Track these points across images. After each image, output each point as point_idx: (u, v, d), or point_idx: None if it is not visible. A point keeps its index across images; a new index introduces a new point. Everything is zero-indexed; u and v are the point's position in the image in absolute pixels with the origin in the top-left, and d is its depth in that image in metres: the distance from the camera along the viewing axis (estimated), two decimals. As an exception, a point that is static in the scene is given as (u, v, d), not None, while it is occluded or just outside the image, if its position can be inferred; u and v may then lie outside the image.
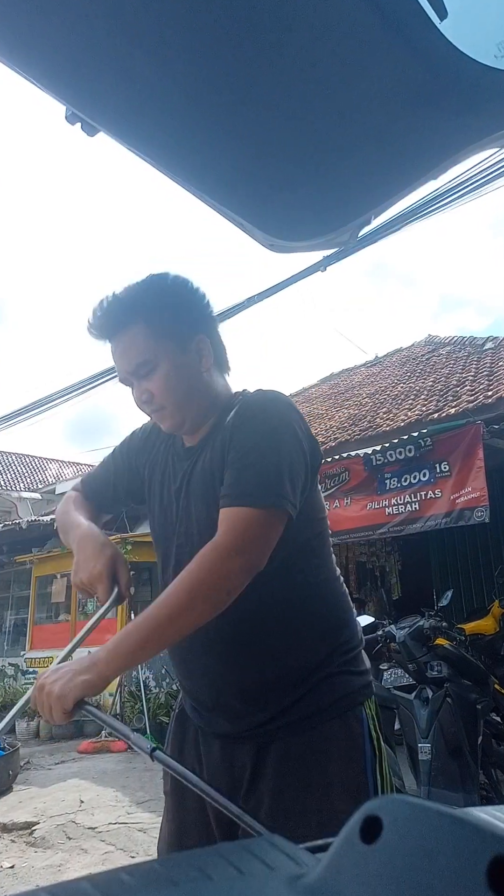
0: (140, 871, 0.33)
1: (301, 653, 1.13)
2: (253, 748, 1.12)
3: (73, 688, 0.94)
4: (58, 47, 0.64)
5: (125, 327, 1.13)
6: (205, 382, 1.17)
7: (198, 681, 1.18)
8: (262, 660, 1.12)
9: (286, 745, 1.10)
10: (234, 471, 1.07)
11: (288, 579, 1.12)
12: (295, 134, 0.74)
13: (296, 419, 1.12)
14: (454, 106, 0.70)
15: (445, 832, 0.28)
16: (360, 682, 1.16)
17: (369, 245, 5.64)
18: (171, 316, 1.14)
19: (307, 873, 0.32)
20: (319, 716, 1.10)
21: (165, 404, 1.15)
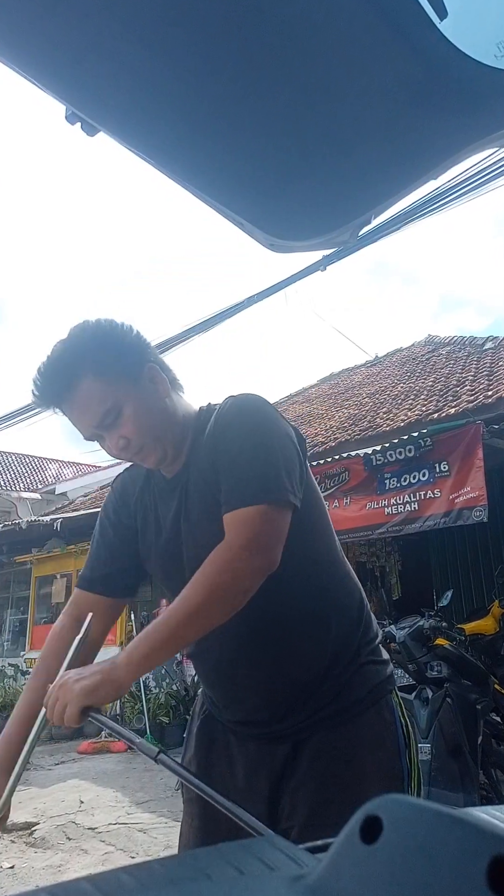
0: (140, 871, 0.33)
1: (331, 646, 1.14)
2: (290, 745, 1.13)
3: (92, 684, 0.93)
4: (57, 46, 0.64)
5: (74, 386, 1.09)
6: (170, 407, 1.17)
7: (234, 690, 1.18)
8: (298, 661, 1.13)
9: (324, 738, 1.11)
10: (230, 476, 1.07)
11: (306, 574, 1.14)
12: (295, 133, 0.74)
13: (275, 413, 1.14)
14: (454, 106, 0.70)
15: (445, 832, 0.28)
16: (387, 671, 1.19)
17: (369, 244, 5.65)
18: (115, 357, 1.11)
19: (307, 873, 0.32)
20: (355, 707, 1.13)
21: (144, 442, 1.13)
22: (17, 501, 15.53)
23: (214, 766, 1.21)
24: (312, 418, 8.77)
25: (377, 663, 1.18)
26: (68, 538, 8.69)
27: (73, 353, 1.10)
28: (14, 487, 17.96)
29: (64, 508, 11.86)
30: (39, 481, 19.48)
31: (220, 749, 1.22)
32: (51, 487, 17.03)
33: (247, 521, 1.02)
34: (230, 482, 1.07)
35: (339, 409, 8.76)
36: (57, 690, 0.95)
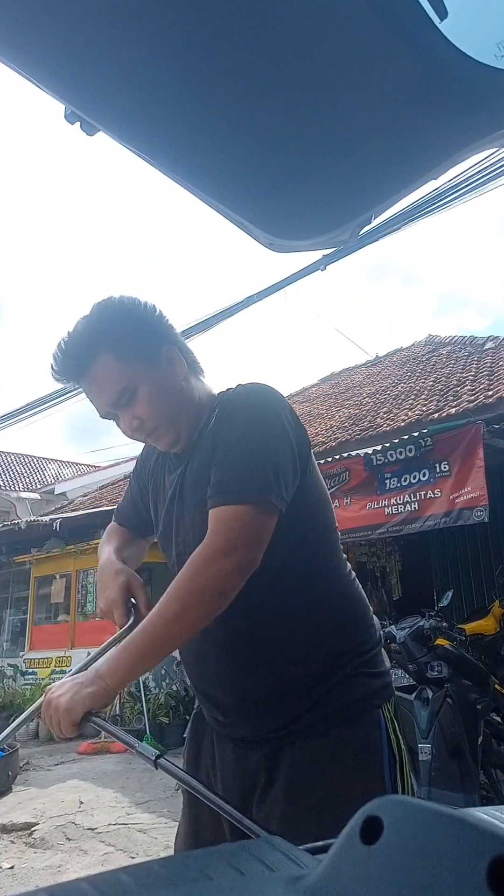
0: (140, 871, 0.33)
1: (313, 655, 1.10)
2: (266, 752, 1.10)
3: (80, 700, 0.95)
4: (57, 46, 0.64)
5: (92, 363, 1.10)
6: (186, 390, 1.16)
7: (212, 687, 1.17)
8: (272, 664, 1.10)
9: (300, 749, 1.07)
10: (218, 468, 1.05)
11: (292, 577, 1.10)
12: (295, 133, 0.74)
13: (280, 408, 1.09)
14: (454, 106, 0.70)
15: (446, 832, 0.28)
16: (378, 683, 1.12)
17: (370, 244, 5.65)
18: (133, 336, 1.12)
19: (307, 874, 0.32)
20: (334, 719, 1.07)
21: (158, 424, 1.13)
22: (17, 501, 15.53)
23: (202, 761, 1.21)
24: (313, 418, 8.77)
25: (368, 675, 1.12)
26: (67, 538, 8.69)
27: (94, 330, 1.11)
28: (13, 487, 17.96)
29: (63, 508, 11.86)
30: (39, 481, 19.48)
31: (207, 745, 1.21)
32: (50, 487, 17.04)
33: (226, 521, 1.00)
34: (217, 475, 1.05)
35: (339, 408, 8.76)
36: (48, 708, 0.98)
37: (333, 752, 1.06)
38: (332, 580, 1.16)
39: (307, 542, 1.13)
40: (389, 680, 1.16)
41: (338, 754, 1.05)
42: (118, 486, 12.28)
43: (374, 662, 1.14)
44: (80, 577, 8.47)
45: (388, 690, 1.14)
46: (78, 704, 0.94)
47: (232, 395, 1.14)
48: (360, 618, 1.16)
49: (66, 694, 0.96)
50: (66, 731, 0.96)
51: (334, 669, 1.09)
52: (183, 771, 0.88)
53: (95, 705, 0.95)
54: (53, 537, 8.96)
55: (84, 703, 0.95)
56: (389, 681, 1.16)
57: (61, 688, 0.98)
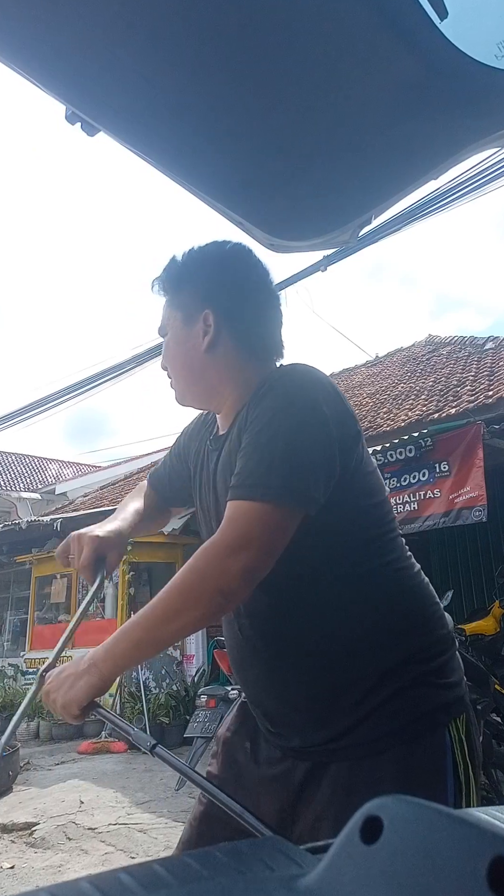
0: (140, 871, 0.33)
1: (364, 660, 0.98)
2: (314, 765, 1.00)
3: (77, 693, 0.93)
4: (58, 47, 0.64)
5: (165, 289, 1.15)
6: (205, 361, 1.09)
7: (256, 694, 1.10)
8: (313, 672, 1.00)
9: (346, 768, 0.96)
10: (243, 458, 0.96)
11: (337, 575, 1.00)
12: (295, 134, 0.74)
13: (319, 391, 0.98)
14: (454, 106, 0.70)
15: (446, 832, 0.28)
16: (446, 697, 0.98)
17: (370, 245, 5.64)
18: (185, 286, 1.13)
19: (307, 874, 0.32)
20: (389, 738, 0.94)
21: (170, 372, 1.17)
22: (17, 501, 15.53)
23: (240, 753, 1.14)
24: (313, 418, 8.74)
25: (433, 686, 0.98)
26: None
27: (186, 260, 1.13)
28: (14, 487, 17.96)
29: (64, 508, 11.86)
30: (39, 481, 19.49)
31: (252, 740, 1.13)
32: (51, 487, 17.03)
33: (240, 518, 0.92)
34: (240, 464, 0.95)
35: (339, 409, 8.74)
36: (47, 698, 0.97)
37: (384, 777, 0.93)
38: (386, 577, 1.03)
39: (351, 538, 1.02)
40: (462, 693, 1.01)
41: (388, 779, 0.92)
42: (119, 487, 12.28)
43: (442, 671, 1.00)
44: (80, 578, 8.46)
45: (458, 705, 0.99)
46: (75, 698, 0.93)
47: (273, 375, 1.03)
48: (424, 619, 1.03)
49: (62, 688, 0.94)
50: (70, 721, 0.97)
51: (389, 678, 0.97)
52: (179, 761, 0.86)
53: (92, 696, 0.94)
54: (54, 537, 8.96)
55: (80, 696, 0.93)
56: (462, 694, 1.01)
57: (58, 679, 0.96)
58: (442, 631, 1.04)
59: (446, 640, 1.04)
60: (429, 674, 0.99)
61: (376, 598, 1.01)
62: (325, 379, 1.00)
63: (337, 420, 0.98)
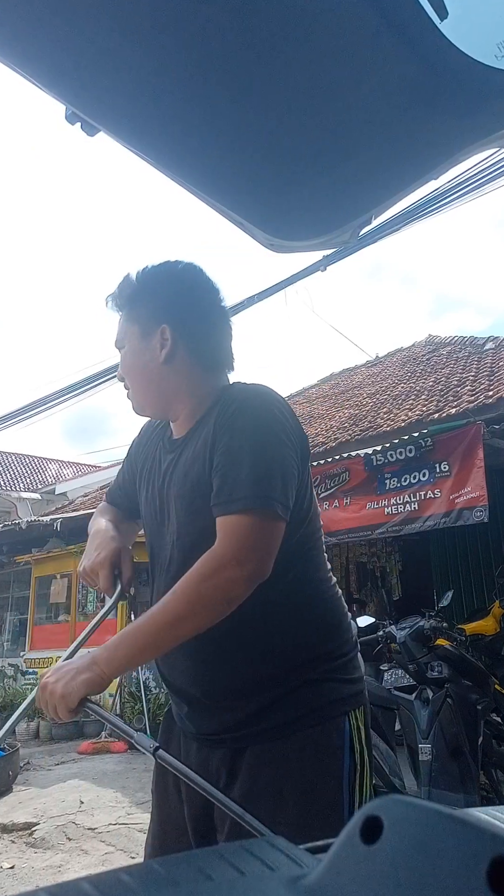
0: (140, 871, 0.33)
1: (275, 656, 1.09)
2: (228, 752, 1.10)
3: (76, 687, 0.96)
4: (58, 47, 0.64)
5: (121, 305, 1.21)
6: (162, 373, 1.17)
7: (178, 678, 1.16)
8: (239, 660, 1.09)
9: (260, 751, 1.07)
10: (225, 475, 1.03)
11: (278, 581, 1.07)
12: (295, 133, 0.74)
13: (282, 413, 1.09)
14: (454, 106, 0.70)
15: (446, 833, 0.28)
16: (348, 690, 1.11)
17: (370, 245, 5.65)
18: (142, 302, 1.18)
19: (307, 874, 0.32)
20: (297, 723, 1.06)
21: (127, 383, 1.22)
22: (17, 501, 15.53)
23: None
24: (313, 418, 8.77)
25: (337, 681, 1.10)
26: (68, 538, 8.69)
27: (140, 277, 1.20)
28: (14, 487, 17.96)
29: (64, 508, 11.86)
30: (39, 481, 19.49)
31: (175, 743, 1.21)
32: (51, 487, 17.04)
33: (237, 530, 0.99)
34: (224, 481, 1.03)
35: (339, 409, 8.76)
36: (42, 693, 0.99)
37: (292, 756, 1.05)
38: (314, 584, 1.15)
39: (294, 546, 1.11)
40: (361, 688, 1.14)
41: (296, 759, 1.05)
42: (118, 487, 12.25)
43: (346, 668, 1.13)
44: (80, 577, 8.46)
45: (357, 698, 1.12)
46: (74, 691, 0.95)
47: (234, 394, 1.13)
48: (336, 623, 1.15)
49: (62, 680, 0.97)
50: (63, 716, 0.98)
51: (299, 672, 1.08)
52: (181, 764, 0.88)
53: (91, 692, 0.96)
54: (54, 537, 8.96)
55: (79, 689, 0.96)
56: (361, 688, 1.14)
57: (56, 673, 0.99)
58: (348, 634, 1.17)
59: (350, 643, 1.16)
60: (334, 670, 1.11)
61: (300, 602, 1.12)
62: (283, 400, 1.14)
63: (296, 437, 1.10)
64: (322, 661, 1.10)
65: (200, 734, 1.14)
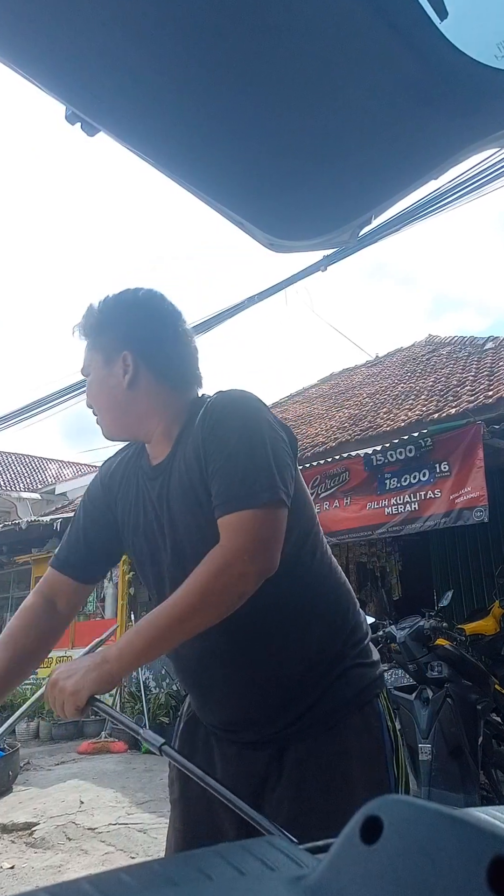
0: (140, 871, 0.33)
1: (315, 650, 1.12)
2: (272, 752, 1.11)
3: (86, 684, 0.97)
4: (58, 47, 0.64)
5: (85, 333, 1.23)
6: (128, 397, 1.19)
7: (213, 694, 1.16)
8: (277, 664, 1.11)
9: (307, 746, 1.09)
10: (224, 477, 1.04)
11: (291, 574, 1.10)
12: (295, 133, 0.74)
13: (264, 412, 1.11)
14: (454, 106, 0.70)
15: (446, 833, 0.28)
16: (374, 673, 1.16)
17: (370, 245, 5.65)
18: (104, 331, 1.21)
19: (308, 874, 0.32)
20: (339, 713, 1.10)
21: (95, 410, 1.24)
22: (17, 501, 15.53)
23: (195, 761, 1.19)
24: (312, 418, 8.76)
25: (364, 666, 1.15)
26: (68, 538, 8.67)
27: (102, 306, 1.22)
28: (14, 487, 17.96)
29: (64, 508, 11.86)
30: (39, 481, 19.49)
31: (202, 751, 1.20)
32: (50, 487, 17.04)
33: (243, 525, 1.00)
34: (222, 483, 1.04)
35: (339, 409, 8.76)
36: (52, 689, 0.99)
37: (338, 746, 1.08)
38: (328, 573, 1.17)
39: (303, 538, 1.14)
40: (381, 670, 1.20)
41: (343, 747, 1.08)
42: (118, 486, 12.24)
43: (366, 652, 1.17)
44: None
45: (382, 680, 1.18)
46: (83, 688, 0.96)
47: (214, 401, 1.14)
48: (349, 608, 1.18)
49: (72, 677, 0.97)
50: (70, 713, 0.98)
51: (334, 665, 1.12)
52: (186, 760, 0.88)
53: (100, 690, 0.97)
54: (54, 537, 8.96)
55: (89, 687, 0.96)
56: (381, 670, 1.19)
57: (67, 671, 0.99)
58: (360, 617, 1.20)
59: (364, 626, 1.21)
60: (358, 655, 1.15)
61: (316, 590, 1.15)
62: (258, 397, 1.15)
63: (281, 427, 1.12)
64: (348, 650, 1.14)
65: (240, 741, 1.16)
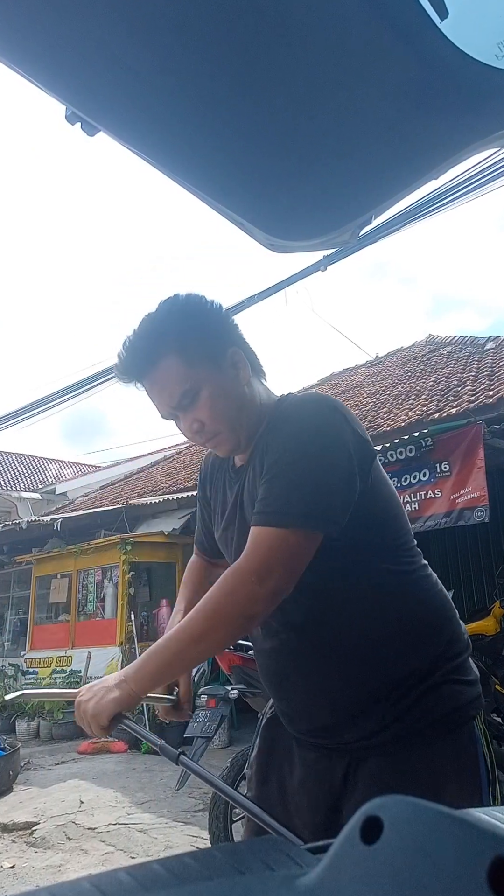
0: (140, 871, 0.33)
1: (397, 662, 1.05)
2: (350, 761, 1.07)
3: (105, 705, 0.98)
4: (58, 47, 0.64)
5: (156, 363, 1.06)
6: (249, 395, 1.11)
7: (296, 708, 1.15)
8: (353, 674, 1.06)
9: (385, 761, 1.03)
10: (264, 485, 1.01)
11: (368, 583, 1.06)
12: (295, 133, 0.74)
13: (336, 419, 1.03)
14: (455, 106, 0.70)
15: (446, 833, 0.28)
16: (471, 693, 1.06)
17: (370, 245, 5.65)
18: (199, 338, 1.08)
19: (307, 873, 0.32)
20: (426, 733, 1.02)
21: (219, 429, 1.09)
22: (18, 501, 15.54)
23: (274, 769, 1.20)
24: (313, 418, 8.73)
25: (460, 683, 1.06)
26: (68, 538, 8.69)
27: (159, 329, 1.07)
28: (14, 487, 17.97)
29: (64, 508, 11.87)
30: (39, 481, 19.50)
31: (281, 752, 1.19)
32: (51, 487, 17.05)
33: (262, 544, 0.97)
34: (264, 491, 1.01)
35: (339, 409, 8.74)
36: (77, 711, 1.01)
37: (425, 769, 1.00)
38: (407, 585, 1.10)
39: (376, 549, 1.08)
40: (480, 690, 1.10)
41: (429, 772, 1.00)
42: (118, 487, 12.28)
43: (463, 669, 1.08)
44: (80, 577, 8.47)
45: (480, 701, 1.08)
46: (104, 710, 0.97)
47: (287, 404, 1.10)
48: (444, 622, 1.10)
49: (92, 700, 0.99)
50: (98, 733, 1.00)
51: (421, 677, 1.04)
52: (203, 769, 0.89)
53: (121, 709, 0.98)
54: (54, 537, 8.97)
55: (109, 707, 0.97)
56: (480, 691, 1.09)
57: (88, 692, 1.01)
58: (460, 631, 1.12)
59: (464, 641, 1.12)
60: (454, 671, 1.06)
61: (403, 602, 1.08)
62: (341, 405, 1.06)
63: (355, 442, 1.03)
64: (441, 662, 1.06)
65: (320, 746, 1.12)
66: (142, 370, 1.08)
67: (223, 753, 5.07)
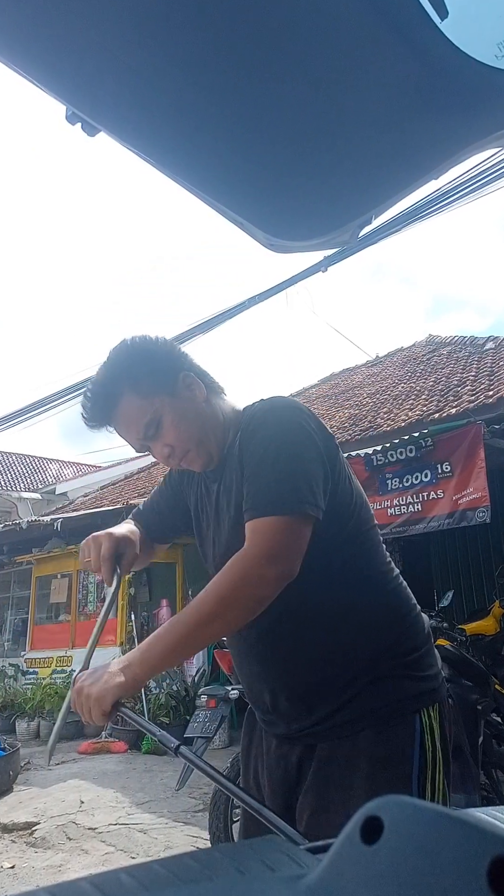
0: (140, 871, 0.33)
1: (345, 655, 1.12)
2: (302, 748, 1.15)
3: (110, 689, 0.98)
4: (57, 46, 0.64)
5: (116, 404, 1.16)
6: (209, 412, 1.20)
7: (252, 685, 1.22)
8: (305, 663, 1.13)
9: (331, 746, 1.10)
10: (252, 483, 1.08)
11: (326, 577, 1.12)
12: (295, 133, 0.74)
13: (303, 418, 1.12)
14: (454, 106, 0.70)
15: (446, 833, 0.28)
16: (419, 687, 1.11)
17: (370, 245, 5.65)
18: (148, 371, 1.17)
19: (307, 874, 0.32)
20: (365, 721, 1.08)
21: (188, 447, 1.18)
22: (18, 501, 15.54)
23: (251, 758, 1.27)
24: (313, 418, 8.73)
25: (410, 678, 1.11)
26: (68, 538, 8.69)
27: (112, 375, 1.17)
28: (14, 487, 17.98)
29: (64, 508, 11.87)
30: (39, 481, 19.50)
31: (257, 742, 1.26)
32: (51, 487, 17.06)
33: (265, 532, 1.02)
34: (251, 488, 1.07)
35: (339, 409, 8.75)
36: (78, 696, 1.01)
37: (360, 752, 1.07)
38: (369, 579, 1.16)
39: (341, 542, 1.14)
40: (436, 685, 1.14)
41: (369, 750, 1.07)
42: (119, 487, 12.28)
43: (416, 665, 1.13)
44: (81, 577, 8.47)
45: (430, 696, 1.12)
46: (108, 694, 0.98)
47: (255, 410, 1.17)
48: (401, 617, 1.16)
49: (97, 683, 0.99)
50: (98, 719, 1.00)
51: (367, 670, 1.10)
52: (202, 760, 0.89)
53: (124, 694, 0.99)
54: (54, 537, 8.96)
55: (114, 692, 0.98)
56: (435, 686, 1.14)
57: (90, 676, 1.01)
58: (417, 627, 1.17)
59: (420, 637, 1.16)
60: (403, 666, 1.12)
61: (361, 596, 1.13)
62: (304, 406, 1.17)
63: (321, 437, 1.12)
64: (389, 658, 1.12)
65: (278, 734, 1.20)
66: (106, 414, 1.18)
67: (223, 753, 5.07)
